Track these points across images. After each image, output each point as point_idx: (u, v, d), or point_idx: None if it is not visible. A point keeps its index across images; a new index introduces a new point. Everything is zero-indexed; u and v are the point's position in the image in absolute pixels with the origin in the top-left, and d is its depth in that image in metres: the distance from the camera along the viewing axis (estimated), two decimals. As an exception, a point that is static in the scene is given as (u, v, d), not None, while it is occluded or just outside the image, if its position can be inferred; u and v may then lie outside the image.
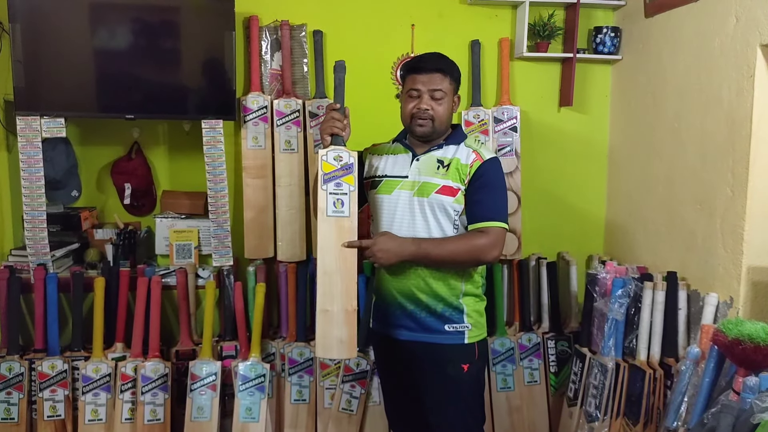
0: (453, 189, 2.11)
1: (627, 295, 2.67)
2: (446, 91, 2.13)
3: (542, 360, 3.01)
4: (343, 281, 2.03)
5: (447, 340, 2.16)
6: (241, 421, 2.77)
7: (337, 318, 2.02)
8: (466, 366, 2.16)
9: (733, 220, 2.42)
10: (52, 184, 2.89)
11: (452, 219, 2.13)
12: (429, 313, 2.15)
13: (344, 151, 2.07)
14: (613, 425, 2.65)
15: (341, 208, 2.05)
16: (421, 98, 2.12)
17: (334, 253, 2.03)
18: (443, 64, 2.15)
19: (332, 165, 2.06)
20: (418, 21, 3.13)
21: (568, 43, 3.18)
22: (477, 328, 2.20)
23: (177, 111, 2.93)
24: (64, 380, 2.74)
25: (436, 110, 2.12)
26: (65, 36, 2.76)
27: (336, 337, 2.02)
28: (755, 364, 1.86)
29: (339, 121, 2.10)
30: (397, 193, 2.16)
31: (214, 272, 3.00)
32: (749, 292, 2.38)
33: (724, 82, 2.46)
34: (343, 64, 2.18)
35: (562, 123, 3.31)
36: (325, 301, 2.03)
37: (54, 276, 2.77)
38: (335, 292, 2.03)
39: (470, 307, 2.18)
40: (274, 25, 3.02)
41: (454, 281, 2.16)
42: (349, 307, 2.03)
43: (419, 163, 2.17)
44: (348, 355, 2.07)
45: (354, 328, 2.03)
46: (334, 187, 2.06)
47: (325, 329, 2.03)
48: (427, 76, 2.11)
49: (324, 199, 2.05)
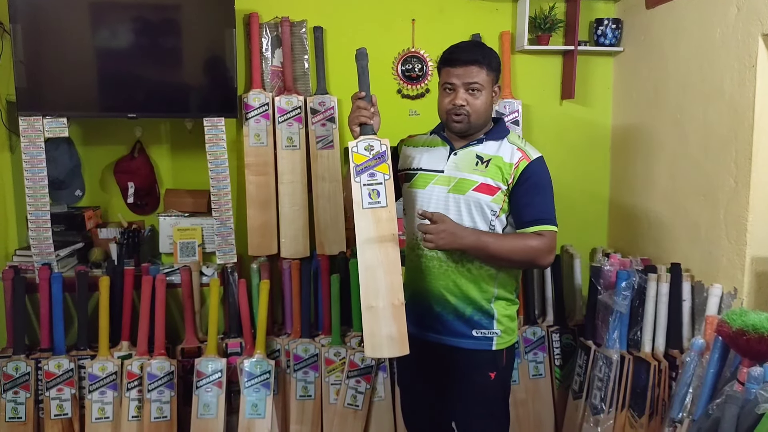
0: (492, 187, 1.99)
1: (631, 287, 2.67)
2: (483, 83, 1.98)
3: (547, 353, 3.01)
4: (386, 274, 1.92)
5: (474, 346, 2.06)
6: (247, 417, 2.78)
7: (383, 314, 1.90)
8: (493, 374, 2.07)
9: (736, 211, 2.41)
10: (55, 184, 2.91)
11: (488, 219, 2.01)
12: (456, 316, 2.06)
13: (375, 140, 1.98)
14: (618, 417, 2.65)
15: (377, 199, 1.95)
16: (456, 93, 1.99)
17: (374, 246, 1.93)
18: (479, 54, 1.99)
19: (364, 155, 1.97)
20: (419, 16, 3.13)
21: (569, 35, 3.17)
22: (507, 333, 2.09)
23: (179, 109, 2.94)
24: (71, 379, 2.75)
25: (473, 105, 1.99)
26: (66, 36, 2.77)
27: (385, 334, 1.90)
28: (760, 354, 1.86)
29: (366, 109, 2.00)
30: (431, 188, 2.06)
31: (218, 270, 3.01)
32: (753, 282, 2.38)
33: (726, 73, 2.45)
34: (364, 52, 2.05)
35: (564, 116, 3.30)
36: (369, 297, 1.91)
37: (59, 275, 2.78)
38: (379, 286, 1.91)
39: (501, 312, 2.08)
40: (274, 22, 3.02)
41: (486, 284, 2.05)
42: (396, 301, 1.91)
43: (457, 157, 2.05)
44: (400, 352, 1.91)
45: (404, 323, 1.91)
46: (367, 177, 1.96)
47: (373, 327, 1.91)
48: (462, 69, 1.97)
49: (358, 192, 1.95)
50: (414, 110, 3.20)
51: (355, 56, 2.05)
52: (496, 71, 2.04)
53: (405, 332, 1.92)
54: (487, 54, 2.01)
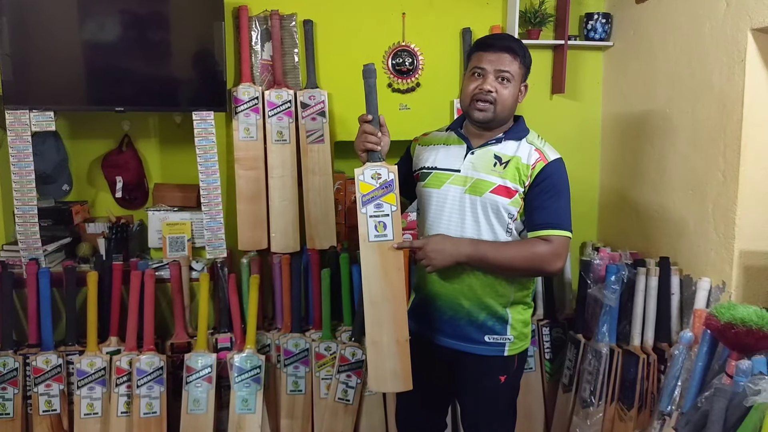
0: (510, 190, 1.91)
1: (620, 281, 2.68)
2: (514, 74, 1.91)
3: (537, 347, 3.01)
4: (391, 310, 1.90)
5: (486, 352, 2.02)
6: (237, 412, 2.77)
7: (387, 350, 1.90)
8: (504, 377, 2.05)
9: (724, 204, 2.43)
10: (42, 178, 2.88)
11: (505, 223, 1.94)
12: (469, 321, 2.01)
13: (382, 167, 1.90)
14: (607, 410, 2.67)
15: (384, 231, 1.90)
16: (485, 78, 1.91)
17: (379, 280, 1.90)
18: (515, 44, 1.93)
19: (370, 185, 1.90)
20: (409, 9, 3.12)
21: (559, 29, 3.18)
22: (519, 339, 2.05)
23: (167, 103, 2.91)
24: (59, 375, 2.73)
25: (501, 93, 1.90)
26: (53, 28, 2.73)
27: (389, 369, 1.90)
28: (748, 347, 1.87)
29: (373, 134, 1.90)
30: (447, 188, 1.99)
31: (207, 265, 2.99)
32: (741, 276, 2.39)
33: (715, 67, 2.46)
34: (372, 68, 1.93)
35: (554, 110, 3.31)
36: (374, 332, 1.90)
37: (46, 271, 2.76)
38: (384, 322, 1.90)
39: (515, 318, 2.03)
40: (264, 15, 3.00)
41: (502, 288, 1.99)
42: (401, 337, 1.90)
43: (474, 157, 1.97)
44: (404, 388, 1.91)
45: (407, 359, 1.90)
46: (374, 209, 1.90)
47: (377, 362, 1.91)
48: (495, 55, 1.90)
49: (365, 224, 1.90)
50: (404, 104, 3.19)
51: (362, 73, 1.94)
52: (527, 68, 1.98)
53: (409, 368, 1.91)
54: (522, 47, 1.95)
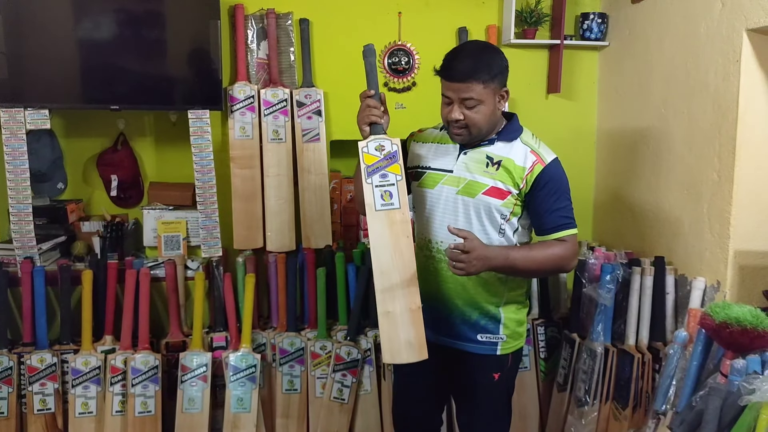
0: (502, 191, 1.93)
1: (615, 280, 2.68)
2: (481, 97, 1.87)
3: (532, 346, 3.01)
4: (402, 278, 1.88)
5: (479, 350, 2.04)
6: (233, 411, 2.77)
7: (401, 319, 1.87)
8: (497, 375, 2.06)
9: (719, 204, 2.43)
10: (37, 176, 2.87)
11: (498, 224, 1.96)
12: (463, 320, 2.03)
13: (386, 140, 1.94)
14: (602, 409, 2.67)
15: (390, 200, 1.91)
16: (452, 107, 1.90)
17: (388, 249, 1.89)
18: (475, 67, 1.85)
19: (375, 156, 1.93)
20: (405, 9, 3.12)
21: (555, 29, 3.18)
22: (513, 338, 2.07)
23: (163, 101, 2.90)
24: (54, 374, 2.72)
25: (471, 118, 1.89)
26: (48, 26, 2.71)
27: (403, 339, 1.87)
28: (742, 346, 1.88)
29: (376, 108, 1.94)
30: (440, 189, 2.00)
31: (203, 263, 2.99)
32: (736, 275, 2.40)
33: (711, 68, 2.47)
34: (372, 48, 1.99)
35: (550, 110, 3.31)
36: (386, 302, 1.88)
37: (41, 269, 2.75)
38: (396, 291, 1.88)
39: (509, 317, 2.04)
40: (259, 14, 2.99)
41: (495, 288, 2.02)
42: (413, 305, 1.88)
43: (467, 157, 1.98)
44: (419, 358, 1.88)
45: (421, 327, 1.88)
46: (379, 179, 1.92)
47: (390, 333, 1.87)
48: (456, 84, 1.87)
49: (371, 194, 1.91)
50: (400, 103, 3.18)
51: (363, 53, 1.99)
52: (499, 77, 1.90)
53: (423, 337, 1.89)
54: (484, 65, 1.86)
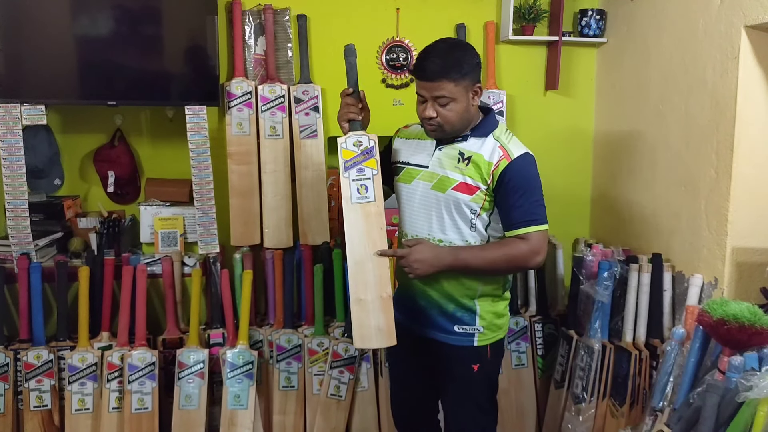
0: (471, 186, 1.97)
1: (613, 277, 2.68)
2: (453, 95, 1.90)
3: (529, 343, 3.02)
4: (375, 268, 1.97)
5: (455, 341, 2.07)
6: (230, 408, 2.77)
7: (372, 306, 1.97)
8: (476, 366, 2.08)
9: (717, 201, 2.43)
10: (34, 172, 2.86)
11: (468, 219, 2.00)
12: (440, 312, 2.07)
13: (363, 136, 2.02)
14: (599, 406, 2.67)
15: (366, 194, 2.00)
16: (426, 105, 1.94)
17: (363, 240, 1.98)
18: (446, 65, 1.88)
19: (352, 151, 2.02)
20: (403, 5, 3.11)
21: (553, 26, 3.17)
22: (490, 330, 2.09)
23: (160, 97, 2.90)
24: (50, 370, 2.72)
25: (444, 116, 1.93)
26: (45, 22, 2.71)
27: (374, 326, 1.96)
28: (740, 343, 1.88)
29: (354, 105, 2.04)
30: (416, 184, 2.06)
31: (200, 260, 2.98)
32: (734, 272, 2.40)
33: (709, 64, 2.47)
34: (352, 48, 2.07)
35: (548, 107, 3.31)
36: (358, 290, 1.97)
37: (38, 265, 2.74)
38: (368, 280, 1.97)
39: (484, 309, 2.07)
40: (257, 9, 2.98)
41: (469, 281, 2.04)
42: (384, 293, 1.97)
43: (441, 153, 2.03)
44: (388, 343, 1.98)
45: (391, 315, 1.97)
46: (356, 173, 2.01)
47: (362, 319, 1.97)
48: (428, 83, 1.91)
49: (347, 187, 2.00)
50: (398, 100, 3.18)
51: (344, 52, 2.07)
52: (471, 75, 1.92)
53: (393, 324, 1.97)
54: (456, 63, 1.89)
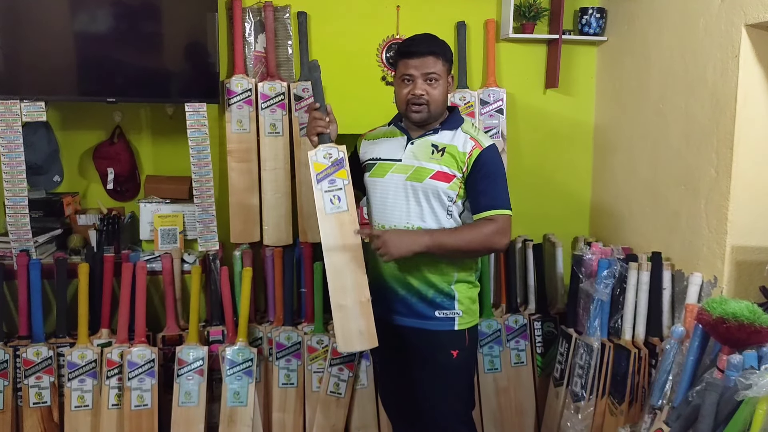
0: (448, 175, 2.08)
1: (612, 275, 2.69)
2: (440, 73, 2.08)
3: (529, 341, 3.02)
4: (352, 275, 2.07)
5: (437, 326, 2.16)
6: (229, 405, 2.77)
7: (352, 311, 2.06)
8: (456, 352, 2.17)
9: (717, 200, 2.43)
10: (33, 169, 2.85)
11: (445, 205, 2.11)
12: (420, 298, 2.16)
13: (332, 148, 2.11)
14: (598, 404, 2.67)
15: (338, 204, 2.09)
16: (414, 83, 2.08)
17: (339, 248, 2.07)
18: (435, 45, 2.10)
19: (323, 163, 2.10)
20: (403, 2, 3.10)
21: (553, 24, 3.17)
22: (468, 314, 2.20)
23: (159, 94, 2.89)
24: (50, 367, 2.72)
25: (432, 94, 2.08)
26: (45, 18, 2.70)
27: (355, 329, 2.06)
28: (739, 342, 1.88)
29: (321, 119, 2.14)
30: (390, 177, 2.15)
31: (199, 257, 2.98)
32: (733, 271, 2.40)
33: (709, 63, 2.47)
34: (316, 64, 2.20)
35: (548, 105, 3.30)
36: (338, 296, 2.07)
37: (37, 262, 2.74)
38: (347, 286, 2.07)
39: (462, 294, 2.18)
40: (257, 7, 2.98)
41: (447, 268, 2.15)
42: (363, 298, 2.07)
43: (414, 147, 2.14)
44: (370, 345, 2.09)
45: (371, 318, 2.07)
46: (328, 184, 2.10)
47: (344, 324, 2.07)
48: (419, 60, 2.06)
49: (320, 198, 2.09)
50: (398, 98, 3.17)
51: (308, 68, 2.22)
52: (450, 62, 2.14)
53: (373, 326, 2.08)
54: (442, 45, 2.11)
